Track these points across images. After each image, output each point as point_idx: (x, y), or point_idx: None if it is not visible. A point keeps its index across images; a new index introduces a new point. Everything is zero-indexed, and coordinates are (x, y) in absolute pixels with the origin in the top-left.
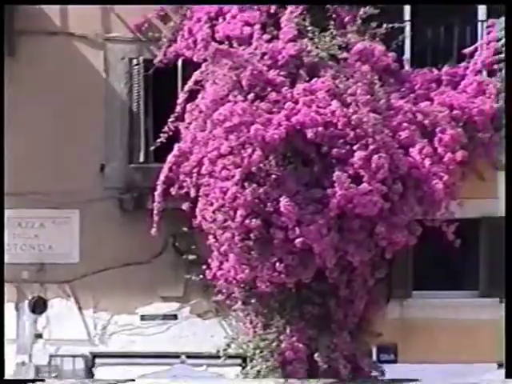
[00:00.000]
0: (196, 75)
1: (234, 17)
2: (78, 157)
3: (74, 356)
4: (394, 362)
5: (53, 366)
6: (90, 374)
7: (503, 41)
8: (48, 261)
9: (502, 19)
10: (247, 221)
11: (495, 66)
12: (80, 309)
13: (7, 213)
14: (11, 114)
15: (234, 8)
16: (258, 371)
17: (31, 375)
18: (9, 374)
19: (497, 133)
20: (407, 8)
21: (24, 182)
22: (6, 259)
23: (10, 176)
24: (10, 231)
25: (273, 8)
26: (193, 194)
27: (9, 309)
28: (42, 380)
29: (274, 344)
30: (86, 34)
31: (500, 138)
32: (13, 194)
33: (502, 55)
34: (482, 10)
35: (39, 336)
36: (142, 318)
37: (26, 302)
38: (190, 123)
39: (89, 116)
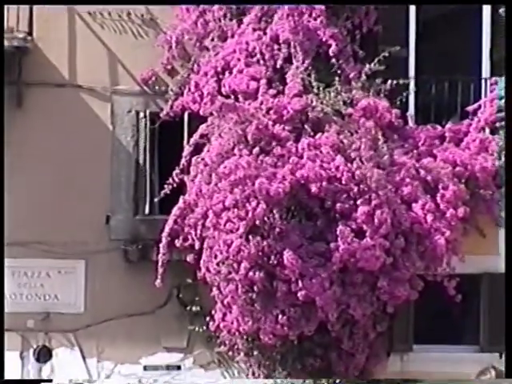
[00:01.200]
0: (202, 129)
1: (240, 71)
2: (84, 208)
3: None
4: None
5: None
6: None
7: (503, 100)
8: (53, 310)
9: (503, 78)
10: (251, 273)
11: (497, 124)
12: (84, 358)
13: (13, 262)
14: (18, 163)
15: (241, 63)
16: None
17: None
18: None
19: (498, 190)
20: (412, 64)
21: (30, 232)
22: (12, 308)
23: (16, 226)
24: (16, 280)
25: (278, 63)
26: (197, 246)
27: (13, 357)
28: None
29: None
30: (94, 86)
31: (501, 194)
32: (19, 244)
33: (503, 113)
34: (486, 67)
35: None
36: (145, 368)
37: (31, 350)
38: (195, 176)
39: (95, 167)
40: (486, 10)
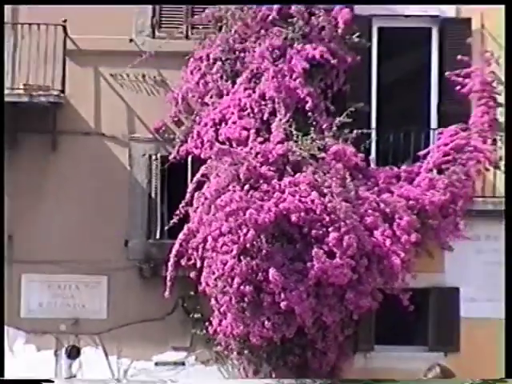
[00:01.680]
0: (202, 169)
1: (234, 122)
2: (107, 233)
3: None
4: None
5: None
6: None
7: (451, 145)
8: (81, 316)
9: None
10: (242, 287)
11: (443, 166)
12: (106, 355)
13: (49, 277)
14: (54, 196)
15: (234, 116)
16: None
17: None
18: None
19: (444, 219)
20: (373, 118)
21: (64, 253)
22: (47, 315)
23: (52, 247)
24: (51, 292)
25: (265, 116)
26: (199, 264)
27: (49, 355)
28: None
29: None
30: (115, 134)
31: (447, 224)
32: (54, 263)
33: (450, 156)
34: (434, 120)
35: (73, 377)
36: (156, 364)
37: (63, 349)
38: (197, 207)
39: (116, 201)
40: (434, 72)
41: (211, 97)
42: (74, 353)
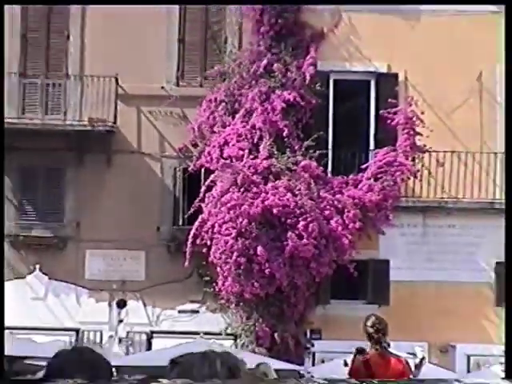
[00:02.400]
0: (211, 177)
1: (233, 145)
2: (146, 222)
3: (140, 332)
4: (319, 339)
5: (129, 338)
6: (149, 343)
7: (384, 161)
8: (127, 279)
9: (384, 149)
10: (238, 259)
11: (378, 176)
12: (144, 305)
13: (106, 252)
14: (109, 197)
15: (233, 140)
16: (243, 343)
17: (116, 343)
18: (103, 344)
19: (378, 213)
20: (330, 142)
21: (116, 235)
22: (104, 278)
23: (108, 230)
24: (106, 262)
25: (255, 140)
26: (208, 243)
27: (104, 305)
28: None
29: (252, 328)
30: (151, 152)
31: (380, 216)
32: (109, 241)
33: (383, 169)
34: (372, 143)
35: (121, 321)
36: (179, 311)
37: (114, 301)
38: (207, 204)
39: (152, 199)
40: (372, 111)
41: (217, 127)
42: (121, 304)
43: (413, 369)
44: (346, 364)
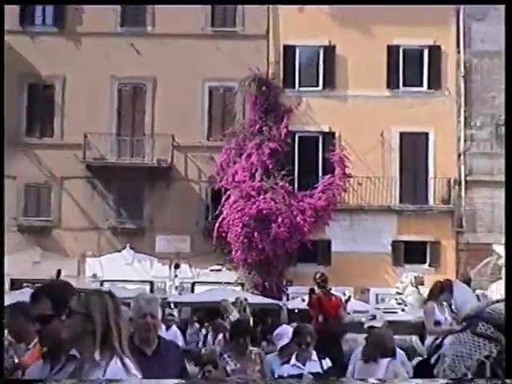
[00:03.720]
0: (228, 193)
1: (240, 174)
2: (190, 219)
3: (187, 282)
4: (291, 285)
5: (181, 286)
6: (192, 289)
7: (327, 183)
8: (179, 251)
9: (328, 176)
10: (243, 240)
11: (324, 190)
12: (190, 267)
13: (168, 237)
14: (170, 204)
15: (240, 171)
16: (247, 289)
17: (173, 289)
18: (166, 289)
19: (325, 212)
20: (296, 172)
21: (174, 226)
22: (166, 250)
23: (171, 224)
24: (168, 242)
25: (253, 171)
26: (226, 231)
27: (166, 267)
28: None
29: (252, 280)
30: (193, 179)
31: (326, 214)
32: (171, 230)
33: (326, 187)
34: (320, 171)
35: (176, 276)
36: (210, 270)
37: (172, 265)
38: (225, 209)
39: (194, 206)
40: (320, 153)
41: (231, 164)
42: (176, 266)
43: (344, 302)
44: (303, 300)
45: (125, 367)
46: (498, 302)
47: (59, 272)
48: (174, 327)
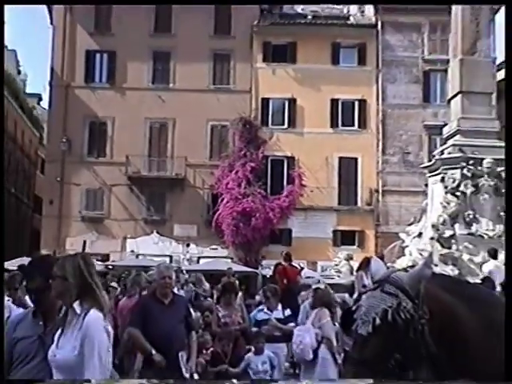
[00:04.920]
0: (223, 196)
1: (231, 183)
2: (196, 214)
3: (195, 256)
4: (264, 259)
5: (191, 259)
6: (198, 261)
7: (290, 189)
8: (190, 235)
9: (289, 186)
10: (232, 228)
11: (287, 195)
12: (196, 246)
13: (187, 225)
14: (183, 205)
15: (231, 181)
16: (235, 261)
17: (185, 263)
18: (181, 263)
19: (288, 210)
20: (269, 184)
21: (185, 219)
22: (180, 234)
23: (183, 217)
24: (182, 229)
25: (240, 182)
26: (221, 223)
27: (181, 246)
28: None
29: (238, 255)
30: (200, 186)
31: (288, 211)
32: (184, 221)
33: (289, 193)
34: (285, 183)
35: (188, 252)
36: (210, 248)
37: (185, 244)
38: (220, 207)
39: (198, 205)
40: (285, 172)
41: (225, 177)
42: (188, 245)
43: (300, 271)
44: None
45: (104, 315)
46: (398, 270)
47: (85, 242)
48: (185, 288)
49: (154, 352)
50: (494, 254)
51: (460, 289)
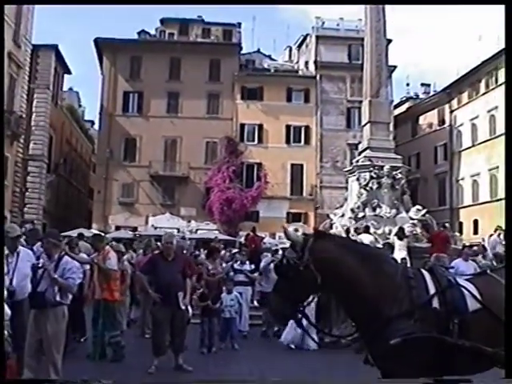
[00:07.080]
0: (212, 189)
1: (219, 181)
2: (196, 202)
3: (194, 228)
4: (241, 231)
5: (191, 230)
6: (196, 232)
7: (258, 185)
8: (191, 215)
9: (257, 182)
10: (219, 210)
11: (256, 188)
12: (196, 221)
13: (191, 209)
14: (187, 197)
15: (219, 180)
16: (221, 232)
17: (187, 233)
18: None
19: (258, 199)
20: (244, 180)
21: (188, 206)
22: (184, 214)
23: (188, 205)
24: (182, 211)
25: (224, 179)
26: (212, 207)
27: (185, 223)
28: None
29: (223, 228)
30: (198, 182)
31: (258, 199)
32: (188, 205)
33: (258, 186)
34: (255, 180)
35: (189, 225)
36: (205, 223)
37: (186, 221)
38: (212, 197)
39: (197, 196)
40: (255, 172)
41: (215, 177)
42: (189, 221)
43: (263, 240)
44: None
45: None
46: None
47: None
48: (184, 251)
49: (150, 291)
50: (401, 234)
51: (350, 245)
